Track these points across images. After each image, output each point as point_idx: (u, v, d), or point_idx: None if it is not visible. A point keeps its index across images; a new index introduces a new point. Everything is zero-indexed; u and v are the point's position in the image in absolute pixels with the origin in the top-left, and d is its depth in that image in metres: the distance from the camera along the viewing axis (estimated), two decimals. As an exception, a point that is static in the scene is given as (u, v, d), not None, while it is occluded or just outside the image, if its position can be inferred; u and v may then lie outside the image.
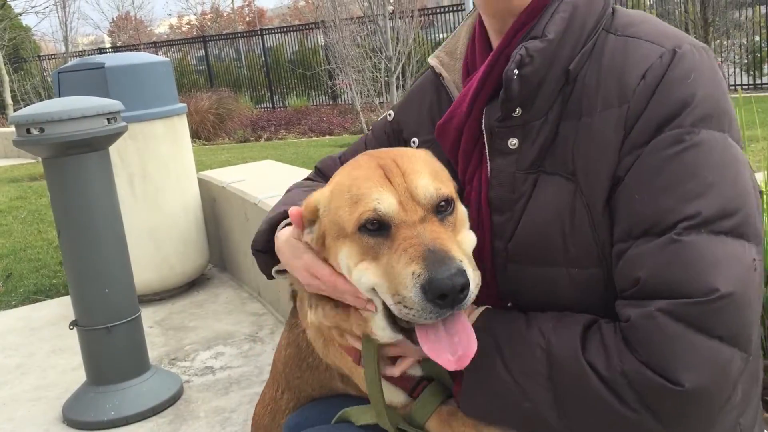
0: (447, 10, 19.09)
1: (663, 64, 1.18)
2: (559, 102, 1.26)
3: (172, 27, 46.96)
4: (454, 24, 17.87)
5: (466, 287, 1.10)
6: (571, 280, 1.24)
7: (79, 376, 3.57)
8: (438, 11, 19.29)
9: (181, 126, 4.96)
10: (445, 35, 16.86)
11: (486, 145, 1.32)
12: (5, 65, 16.45)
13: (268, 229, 1.52)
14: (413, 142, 1.53)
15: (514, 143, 1.28)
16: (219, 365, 3.88)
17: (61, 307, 4.96)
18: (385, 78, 12.85)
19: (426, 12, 18.24)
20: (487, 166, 1.32)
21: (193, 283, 5.21)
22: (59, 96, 4.45)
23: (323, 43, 18.04)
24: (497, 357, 1.23)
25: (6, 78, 15.92)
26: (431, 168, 1.28)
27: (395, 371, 1.37)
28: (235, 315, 4.61)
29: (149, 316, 4.61)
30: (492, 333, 1.23)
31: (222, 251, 5.51)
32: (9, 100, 15.68)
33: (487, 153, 1.32)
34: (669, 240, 1.12)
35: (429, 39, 17.68)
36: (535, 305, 1.28)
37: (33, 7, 30.92)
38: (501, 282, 1.32)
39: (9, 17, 20.79)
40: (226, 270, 5.52)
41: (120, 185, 3.74)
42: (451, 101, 1.42)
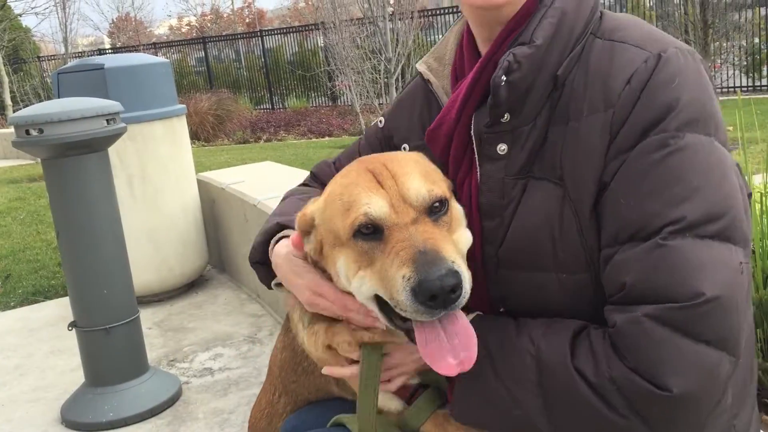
0: (447, 11, 19.07)
1: (648, 68, 1.18)
2: (548, 107, 1.25)
3: (171, 28, 46.87)
4: (453, 25, 17.80)
5: (457, 287, 1.09)
6: (561, 285, 1.24)
7: (78, 377, 3.57)
8: (438, 13, 19.26)
9: (181, 127, 4.96)
10: (445, 37, 16.78)
11: (475, 151, 1.31)
12: (5, 66, 16.40)
13: (264, 241, 1.53)
14: (404, 148, 1.53)
15: (503, 149, 1.28)
16: (218, 366, 3.88)
17: (60, 308, 4.96)
18: (385, 79, 12.84)
19: (426, 13, 18.22)
20: (477, 171, 1.32)
21: (192, 285, 5.21)
22: (59, 97, 4.45)
23: (323, 45, 18.05)
24: (488, 365, 1.23)
25: (5, 79, 15.87)
26: (422, 169, 1.27)
27: (390, 387, 1.38)
28: (234, 316, 4.61)
29: (148, 317, 4.61)
30: (482, 340, 1.22)
31: (221, 252, 5.51)
32: (8, 101, 15.64)
33: (477, 159, 1.31)
34: (655, 245, 1.12)
35: (429, 40, 17.62)
36: (526, 310, 1.28)
37: (33, 8, 30.99)
38: (492, 287, 1.32)
39: (9, 18, 20.76)
40: (225, 271, 5.52)
41: (119, 186, 3.74)
42: (440, 107, 1.41)
